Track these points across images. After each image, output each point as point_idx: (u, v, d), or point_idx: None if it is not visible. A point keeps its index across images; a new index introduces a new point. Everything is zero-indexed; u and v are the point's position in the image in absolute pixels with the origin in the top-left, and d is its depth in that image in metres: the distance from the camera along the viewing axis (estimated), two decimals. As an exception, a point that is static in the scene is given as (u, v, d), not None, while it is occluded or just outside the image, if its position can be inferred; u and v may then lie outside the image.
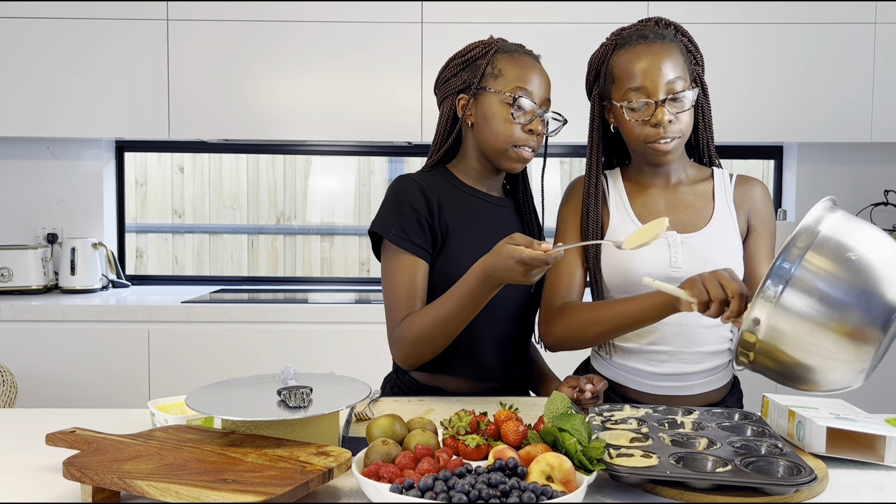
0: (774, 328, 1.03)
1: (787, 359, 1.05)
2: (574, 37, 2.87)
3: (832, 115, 2.93)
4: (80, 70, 2.89)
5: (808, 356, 1.03)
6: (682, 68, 1.41)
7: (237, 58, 2.91)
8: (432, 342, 1.38)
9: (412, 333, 1.39)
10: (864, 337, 1.01)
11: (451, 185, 1.50)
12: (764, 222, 1.50)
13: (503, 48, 1.48)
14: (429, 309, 1.38)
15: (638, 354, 1.47)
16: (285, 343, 2.74)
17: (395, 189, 1.47)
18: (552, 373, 1.63)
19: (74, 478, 0.95)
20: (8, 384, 2.14)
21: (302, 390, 1.07)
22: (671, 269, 1.43)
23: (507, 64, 1.45)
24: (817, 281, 1.01)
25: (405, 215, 1.43)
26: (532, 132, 1.45)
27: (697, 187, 1.51)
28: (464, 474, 0.92)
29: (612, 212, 1.50)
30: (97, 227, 3.23)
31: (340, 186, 3.55)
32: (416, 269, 1.43)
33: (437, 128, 1.54)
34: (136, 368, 2.73)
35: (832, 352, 1.01)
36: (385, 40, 2.91)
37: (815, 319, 1.01)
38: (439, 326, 1.36)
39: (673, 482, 0.98)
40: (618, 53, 1.44)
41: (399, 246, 1.43)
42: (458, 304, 1.33)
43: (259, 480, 0.90)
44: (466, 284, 1.32)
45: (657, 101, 1.39)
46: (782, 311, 1.02)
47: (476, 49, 1.49)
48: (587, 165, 1.53)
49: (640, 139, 1.43)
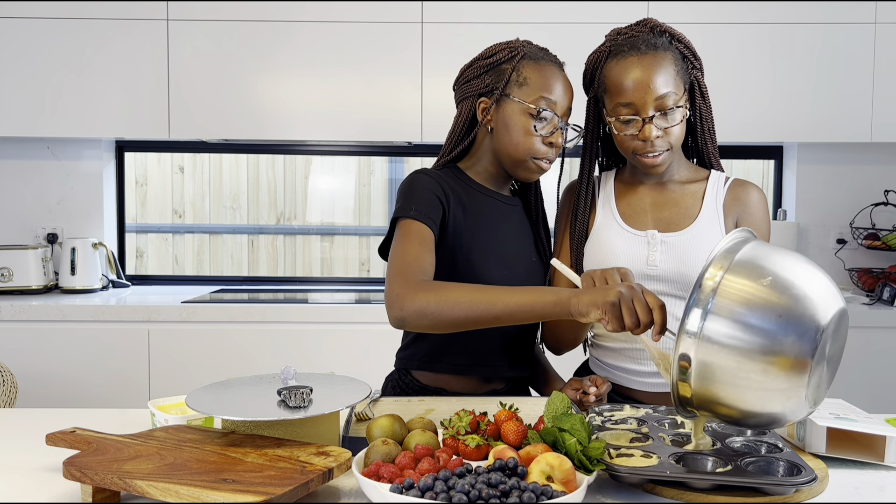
0: (703, 363, 0.96)
1: (724, 397, 0.97)
2: (574, 37, 2.86)
3: (832, 115, 2.93)
4: (80, 70, 2.89)
5: (742, 391, 0.96)
6: (675, 80, 1.39)
7: (237, 58, 2.91)
8: (444, 319, 1.24)
9: (433, 302, 1.24)
10: (791, 363, 0.93)
11: (462, 183, 1.49)
12: (755, 226, 1.47)
13: (529, 54, 1.45)
14: (465, 289, 1.26)
15: (624, 354, 1.47)
16: (285, 343, 2.74)
17: (411, 180, 1.45)
18: (556, 373, 1.63)
19: (74, 478, 0.95)
20: (8, 384, 2.14)
21: (302, 390, 1.07)
22: (647, 267, 1.43)
23: (532, 72, 1.43)
24: (735, 307, 0.95)
25: (423, 198, 1.41)
26: (552, 145, 1.43)
27: (688, 187, 1.51)
28: (464, 474, 0.92)
29: (598, 211, 1.52)
30: (97, 227, 3.23)
31: (340, 186, 3.55)
32: (431, 241, 1.38)
33: (453, 127, 1.52)
34: (136, 368, 2.73)
35: (763, 382, 0.94)
36: (385, 40, 2.91)
37: (738, 349, 0.94)
38: (468, 311, 1.22)
39: (673, 482, 0.98)
40: (610, 63, 1.42)
41: (419, 220, 1.38)
42: (510, 307, 1.21)
43: (259, 480, 0.90)
44: (536, 298, 1.20)
45: (644, 118, 1.38)
46: (707, 344, 0.96)
47: (502, 52, 1.46)
48: (581, 167, 1.54)
49: (629, 151, 1.43)
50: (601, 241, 1.48)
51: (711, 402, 0.99)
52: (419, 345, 1.51)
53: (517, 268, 1.49)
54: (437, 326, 1.26)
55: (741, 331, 0.94)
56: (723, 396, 0.97)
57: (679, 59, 1.42)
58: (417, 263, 1.32)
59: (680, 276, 1.42)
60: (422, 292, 1.25)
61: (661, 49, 1.40)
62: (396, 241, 1.37)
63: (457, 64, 1.56)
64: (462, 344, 1.46)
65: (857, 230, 3.16)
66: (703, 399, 0.99)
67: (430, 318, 1.24)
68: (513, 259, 1.49)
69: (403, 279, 1.29)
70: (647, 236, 1.45)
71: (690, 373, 0.97)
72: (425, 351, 1.50)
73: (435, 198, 1.41)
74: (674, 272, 1.43)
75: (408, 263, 1.31)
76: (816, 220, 3.25)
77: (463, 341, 1.46)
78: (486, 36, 1.55)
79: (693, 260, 1.42)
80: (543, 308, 1.19)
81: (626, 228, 1.47)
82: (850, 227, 3.17)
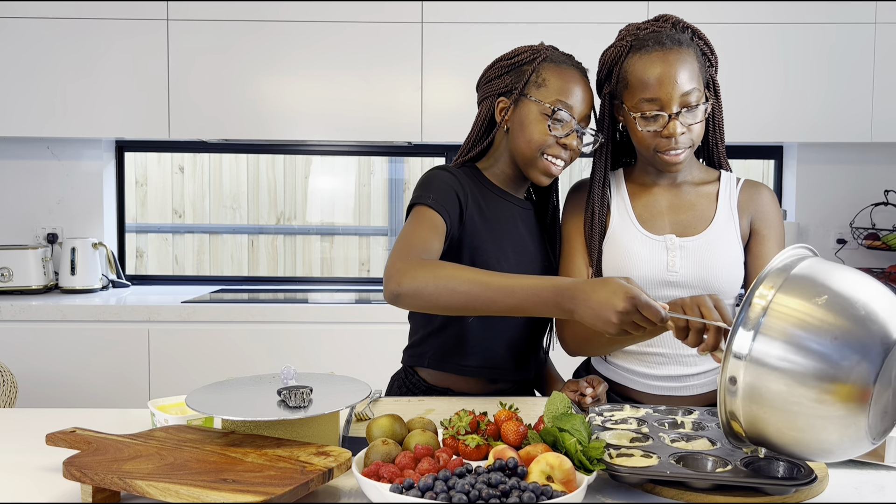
0: (752, 387, 0.90)
1: (774, 422, 0.92)
2: (574, 37, 2.86)
3: (832, 115, 2.93)
4: (80, 70, 2.90)
5: (793, 416, 0.90)
6: (698, 77, 1.38)
7: (237, 58, 2.91)
8: (440, 300, 1.22)
9: (431, 279, 1.22)
10: (849, 390, 0.86)
11: (479, 183, 1.48)
12: (770, 226, 1.47)
13: (551, 57, 1.44)
14: (466, 270, 1.23)
15: (635, 356, 1.47)
16: (285, 343, 2.74)
17: (431, 174, 1.44)
18: (558, 374, 1.63)
19: (74, 478, 0.95)
20: (8, 384, 2.14)
21: (302, 390, 1.07)
22: (668, 273, 1.42)
23: (552, 74, 1.42)
24: (787, 328, 0.89)
25: (443, 190, 1.40)
26: (566, 147, 1.42)
27: (702, 189, 1.50)
28: (464, 474, 0.92)
29: (613, 213, 1.49)
30: (97, 227, 3.23)
31: (340, 186, 3.55)
32: (442, 232, 1.37)
33: (473, 126, 1.52)
34: (136, 368, 2.73)
35: (817, 409, 0.88)
36: (385, 40, 2.91)
37: (790, 372, 0.88)
38: (464, 292, 1.20)
39: (673, 482, 0.98)
40: (632, 58, 1.39)
41: (435, 209, 1.37)
42: (505, 290, 1.18)
43: (259, 480, 0.90)
44: (535, 283, 1.18)
45: (670, 114, 1.36)
46: (756, 366, 0.90)
47: (524, 54, 1.45)
48: (594, 166, 1.51)
49: (651, 148, 1.41)
50: (619, 246, 1.45)
51: (760, 426, 0.93)
52: (429, 343, 1.51)
53: (529, 272, 1.48)
54: (432, 305, 1.24)
55: (793, 353, 0.88)
56: (773, 421, 0.92)
57: (699, 55, 1.41)
58: (423, 245, 1.31)
59: (701, 282, 1.41)
60: (421, 269, 1.24)
61: (685, 45, 1.38)
62: (408, 223, 1.36)
63: (457, 64, 1.56)
64: (471, 346, 1.47)
65: (857, 230, 3.16)
66: (752, 423, 0.94)
67: (425, 299, 1.23)
68: (524, 263, 1.48)
69: (406, 255, 1.28)
70: (666, 241, 1.44)
71: (738, 395, 0.92)
72: (434, 350, 1.50)
73: (453, 193, 1.40)
74: (695, 278, 1.42)
75: (414, 243, 1.30)
76: (816, 220, 3.24)
77: (472, 343, 1.46)
78: (487, 36, 1.55)
79: (712, 264, 1.41)
80: (539, 297, 1.16)
81: (644, 233, 1.45)
82: (850, 227, 3.17)
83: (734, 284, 1.45)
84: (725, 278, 1.43)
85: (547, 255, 1.54)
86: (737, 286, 1.46)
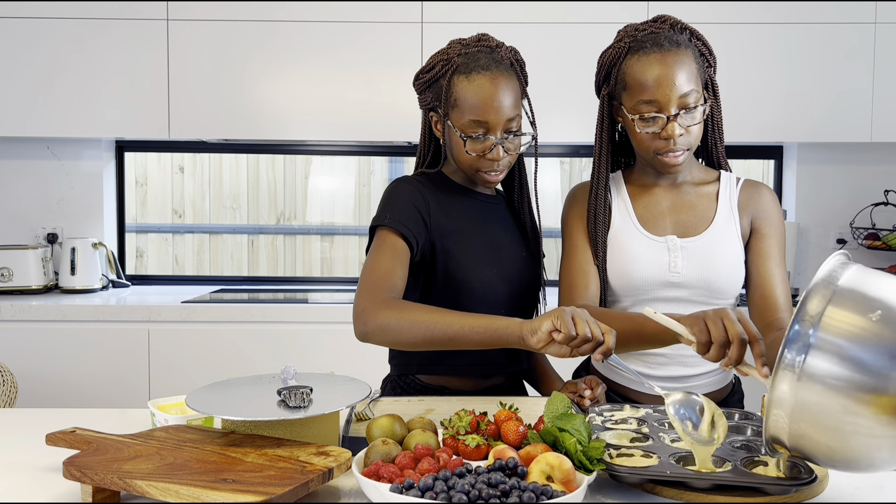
0: (802, 403, 0.87)
1: (825, 441, 0.89)
2: (574, 37, 2.87)
3: (832, 115, 2.92)
4: (80, 70, 2.89)
5: (846, 436, 0.87)
6: (696, 78, 1.37)
7: (237, 58, 2.91)
8: (406, 338, 1.26)
9: (394, 320, 1.26)
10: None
11: (444, 187, 1.50)
12: (771, 225, 1.47)
13: (461, 67, 1.40)
14: (427, 312, 1.26)
15: (636, 357, 1.46)
16: (285, 343, 2.74)
17: (392, 188, 1.48)
18: (554, 371, 1.63)
19: (74, 478, 0.95)
20: (8, 384, 2.14)
21: (302, 390, 1.07)
22: (670, 274, 1.42)
23: (462, 91, 1.39)
24: (840, 342, 0.86)
25: (401, 207, 1.42)
26: (493, 160, 1.41)
27: (702, 189, 1.50)
28: (464, 474, 0.92)
29: (614, 214, 1.49)
30: (97, 227, 3.23)
31: (340, 186, 3.55)
32: (404, 254, 1.38)
33: (420, 138, 1.55)
34: (136, 368, 2.73)
35: (872, 427, 0.85)
36: (385, 40, 2.90)
37: (844, 389, 0.85)
38: (426, 331, 1.23)
39: (673, 482, 0.98)
40: (631, 59, 1.39)
41: (392, 227, 1.38)
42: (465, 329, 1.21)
43: (259, 480, 0.90)
44: (489, 322, 1.20)
45: (668, 116, 1.36)
46: (808, 382, 0.87)
47: (437, 67, 1.44)
48: (595, 167, 1.50)
49: (650, 150, 1.41)
50: (621, 248, 1.45)
51: (809, 443, 0.91)
52: (414, 352, 1.51)
53: (507, 265, 1.50)
54: (398, 344, 1.29)
55: (848, 369, 0.85)
56: (824, 440, 0.89)
57: (698, 56, 1.40)
58: (387, 278, 1.34)
59: (703, 283, 1.42)
60: (386, 310, 1.28)
61: (682, 46, 1.38)
62: (370, 252, 1.39)
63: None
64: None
65: (857, 230, 3.16)
66: (799, 440, 0.91)
67: (392, 335, 1.27)
68: (502, 256, 1.49)
69: (370, 294, 1.32)
70: (667, 242, 1.44)
71: (786, 411, 0.89)
72: (421, 357, 1.51)
73: (412, 207, 1.42)
74: (697, 278, 1.42)
75: (377, 278, 1.34)
76: (816, 220, 3.24)
77: None
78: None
79: (714, 264, 1.41)
80: (496, 331, 1.18)
81: (645, 234, 1.45)
82: (851, 227, 3.17)
83: (735, 284, 1.45)
84: (727, 278, 1.43)
85: (525, 245, 1.55)
86: (738, 286, 1.46)
